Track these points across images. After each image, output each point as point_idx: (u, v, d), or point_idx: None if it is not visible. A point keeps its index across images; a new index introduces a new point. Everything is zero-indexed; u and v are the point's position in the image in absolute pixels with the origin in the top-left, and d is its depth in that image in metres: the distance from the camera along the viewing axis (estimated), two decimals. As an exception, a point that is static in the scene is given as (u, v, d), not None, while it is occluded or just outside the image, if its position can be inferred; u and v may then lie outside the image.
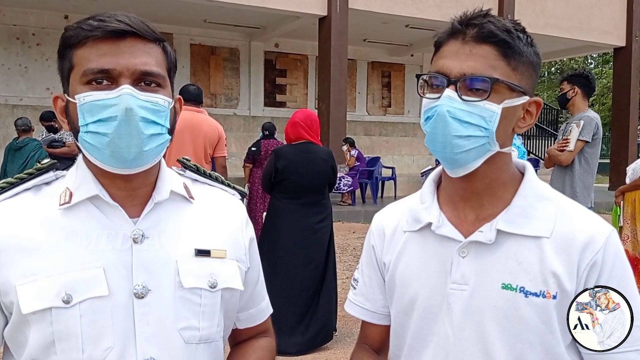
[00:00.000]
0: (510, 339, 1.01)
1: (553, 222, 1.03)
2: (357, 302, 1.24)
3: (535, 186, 1.07)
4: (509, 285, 1.01)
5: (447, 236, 1.07)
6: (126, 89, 0.93)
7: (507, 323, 1.01)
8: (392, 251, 1.15)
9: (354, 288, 1.25)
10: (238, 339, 1.22)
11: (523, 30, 1.03)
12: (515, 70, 1.00)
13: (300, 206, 4.13)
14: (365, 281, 1.22)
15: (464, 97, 0.98)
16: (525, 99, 1.03)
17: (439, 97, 0.99)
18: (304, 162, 4.12)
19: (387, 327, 1.21)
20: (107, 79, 0.94)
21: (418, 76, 1.08)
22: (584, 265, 0.99)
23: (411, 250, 1.12)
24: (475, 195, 1.07)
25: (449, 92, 0.98)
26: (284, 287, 4.05)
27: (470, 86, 0.99)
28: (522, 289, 1.00)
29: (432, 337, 1.08)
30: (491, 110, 0.98)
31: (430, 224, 1.09)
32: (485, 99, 0.98)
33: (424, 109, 1.04)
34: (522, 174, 1.10)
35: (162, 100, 0.97)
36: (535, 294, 1.00)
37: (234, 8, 10.83)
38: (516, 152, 4.04)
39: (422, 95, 1.06)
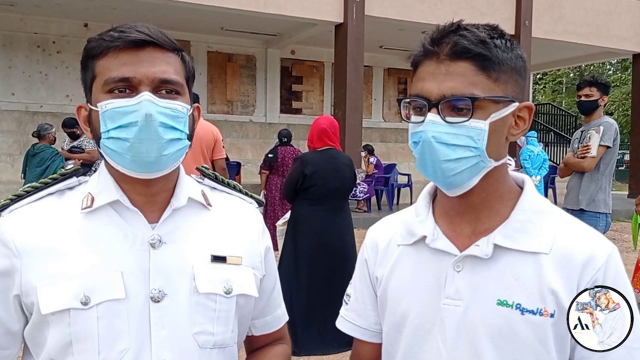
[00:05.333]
0: (505, 357, 0.97)
1: (552, 238, 0.99)
2: (348, 319, 1.19)
3: (534, 200, 1.03)
4: (505, 302, 0.97)
5: (442, 250, 1.03)
6: (146, 95, 0.96)
7: (502, 341, 0.97)
8: (385, 265, 1.12)
9: (346, 304, 1.21)
10: (254, 346, 1.23)
11: (500, 35, 0.98)
12: (498, 80, 0.96)
13: (325, 212, 4.14)
14: (358, 296, 1.18)
15: (448, 119, 0.95)
16: (514, 106, 0.98)
17: (422, 122, 0.96)
18: (331, 168, 4.13)
19: (380, 346, 1.16)
20: (127, 87, 0.97)
21: (399, 101, 1.04)
22: (584, 283, 0.96)
23: (405, 264, 1.08)
24: (471, 209, 1.03)
25: (432, 116, 0.95)
26: (309, 294, 4.06)
27: (453, 107, 0.95)
28: (518, 305, 0.97)
29: (423, 355, 1.04)
30: (478, 128, 0.95)
31: (424, 238, 1.05)
32: (470, 118, 0.94)
33: (410, 132, 1.01)
34: (521, 188, 1.06)
35: (180, 107, 1.00)
36: (532, 312, 0.96)
37: (251, 15, 10.89)
38: (512, 163, 4.00)
39: (406, 119, 1.02)
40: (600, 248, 0.98)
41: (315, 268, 4.10)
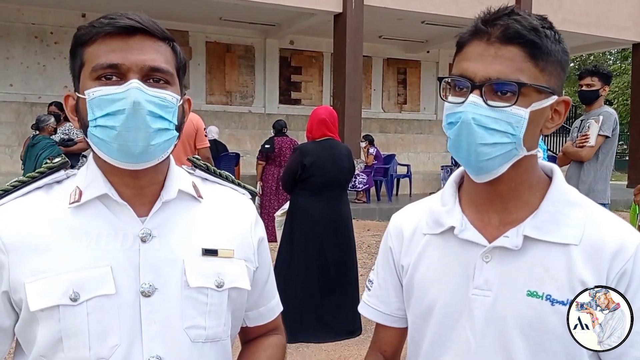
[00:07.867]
0: (534, 347, 0.98)
1: (582, 229, 0.99)
2: (371, 304, 1.21)
3: (564, 191, 1.03)
4: (535, 293, 0.98)
5: (471, 240, 1.04)
6: (134, 83, 0.94)
7: (532, 331, 0.98)
8: (411, 254, 1.12)
9: (369, 290, 1.23)
10: (248, 337, 1.22)
11: (550, 27, 0.98)
12: (544, 71, 0.96)
13: (324, 202, 4.15)
14: (381, 283, 1.20)
15: (490, 103, 0.94)
16: (553, 99, 0.99)
17: (462, 102, 0.96)
18: (330, 158, 4.14)
19: (402, 331, 1.20)
20: (116, 74, 0.96)
21: (440, 79, 1.03)
22: (613, 274, 0.96)
23: (432, 253, 1.09)
24: (500, 199, 1.03)
25: (474, 97, 0.94)
26: (308, 284, 4.07)
27: (497, 91, 0.94)
28: (548, 296, 0.97)
29: (451, 344, 1.05)
30: (519, 115, 0.95)
31: (452, 228, 1.05)
32: (514, 104, 0.94)
33: (446, 112, 1.00)
34: (549, 177, 1.06)
35: (169, 97, 0.98)
36: (562, 303, 0.96)
37: (249, 5, 10.84)
38: (541, 153, 4.01)
39: (444, 98, 1.01)
40: (629, 239, 0.98)
41: (314, 258, 4.11)
